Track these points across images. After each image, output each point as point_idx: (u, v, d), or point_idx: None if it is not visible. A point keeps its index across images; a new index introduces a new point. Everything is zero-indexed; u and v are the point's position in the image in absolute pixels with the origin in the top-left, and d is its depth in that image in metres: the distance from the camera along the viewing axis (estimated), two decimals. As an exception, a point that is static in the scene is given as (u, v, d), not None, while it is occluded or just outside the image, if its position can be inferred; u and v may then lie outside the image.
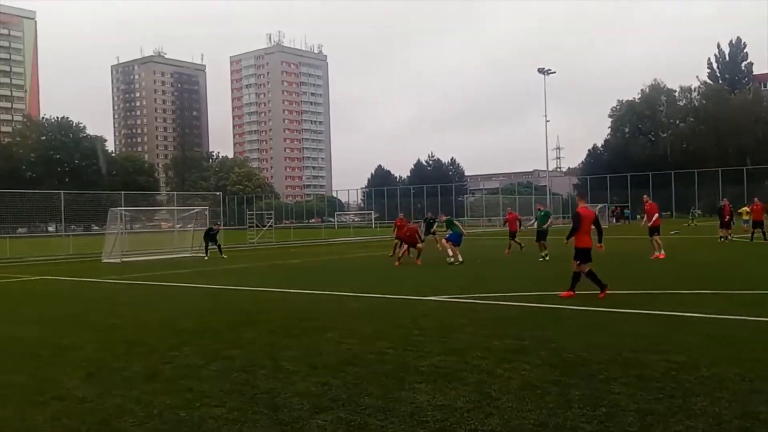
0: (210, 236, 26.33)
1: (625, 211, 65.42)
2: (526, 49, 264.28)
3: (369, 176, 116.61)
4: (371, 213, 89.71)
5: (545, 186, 75.78)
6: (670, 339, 7.57)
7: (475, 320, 9.27)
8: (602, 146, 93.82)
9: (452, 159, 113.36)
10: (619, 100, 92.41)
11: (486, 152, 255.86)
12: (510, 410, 5.08)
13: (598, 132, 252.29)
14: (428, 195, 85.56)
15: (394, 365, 6.65)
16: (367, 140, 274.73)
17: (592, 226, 11.59)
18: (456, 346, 7.46)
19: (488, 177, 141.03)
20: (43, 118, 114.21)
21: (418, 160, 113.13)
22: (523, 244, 23.65)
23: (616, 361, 6.55)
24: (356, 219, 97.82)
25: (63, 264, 25.38)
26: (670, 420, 4.76)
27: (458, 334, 8.19)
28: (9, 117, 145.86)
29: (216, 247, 26.23)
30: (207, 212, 31.31)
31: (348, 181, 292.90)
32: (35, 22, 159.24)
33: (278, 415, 5.10)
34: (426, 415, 5.04)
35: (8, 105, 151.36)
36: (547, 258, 19.66)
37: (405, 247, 21.14)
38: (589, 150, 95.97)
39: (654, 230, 19.93)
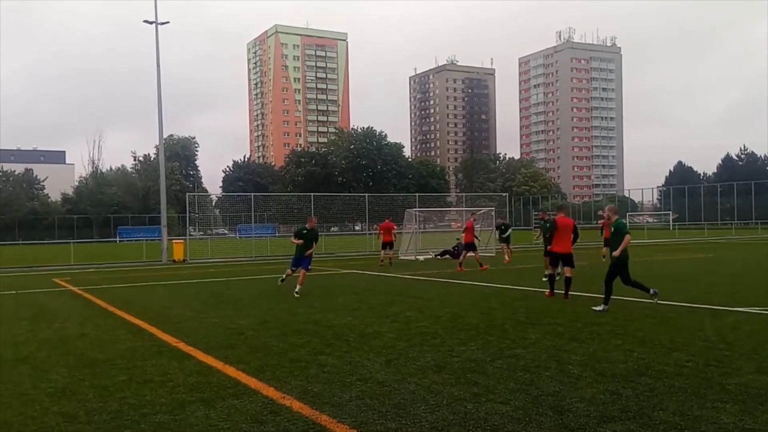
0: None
1: None
2: None
3: (666, 174, 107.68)
4: (669, 214, 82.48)
5: None
6: None
7: (798, 338, 7.99)
8: None
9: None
10: None
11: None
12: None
13: None
14: (739, 194, 75.82)
15: (693, 380, 6.07)
16: (666, 135, 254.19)
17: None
18: (772, 366, 6.53)
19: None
20: (351, 128, 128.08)
21: (727, 155, 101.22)
22: None
23: None
24: (651, 220, 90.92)
25: (366, 259, 28.14)
26: None
27: (775, 353, 7.15)
28: (325, 129, 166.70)
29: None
30: (493, 213, 31.98)
31: (642, 180, 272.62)
32: (347, 43, 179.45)
33: (563, 419, 5.02)
34: (732, 439, 4.52)
35: (324, 118, 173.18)
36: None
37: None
38: None
39: None
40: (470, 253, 21.38)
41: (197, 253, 32.99)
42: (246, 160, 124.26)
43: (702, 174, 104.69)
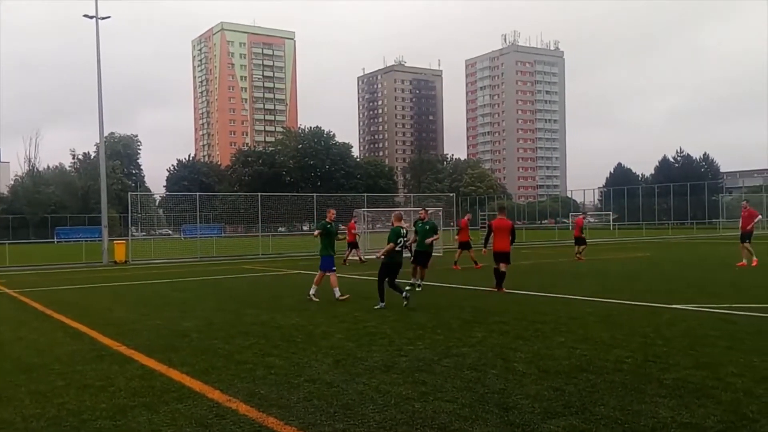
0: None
1: None
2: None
3: (607, 175, 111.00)
4: (609, 214, 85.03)
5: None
6: None
7: (730, 333, 8.34)
8: None
9: (704, 154, 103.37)
10: None
11: (747, 146, 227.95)
12: (772, 437, 4.50)
13: None
14: (675, 194, 78.71)
15: (633, 376, 6.26)
16: (607, 137, 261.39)
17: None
18: (706, 360, 6.80)
19: (749, 173, 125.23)
20: (299, 128, 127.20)
21: (664, 157, 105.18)
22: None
23: None
24: (592, 220, 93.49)
25: (315, 260, 27.96)
26: None
27: (710, 348, 7.44)
28: (272, 128, 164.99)
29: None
30: (441, 213, 32.30)
31: (584, 181, 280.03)
32: (294, 42, 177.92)
33: (508, 416, 5.10)
34: (669, 431, 4.68)
35: (272, 117, 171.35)
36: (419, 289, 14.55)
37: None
38: None
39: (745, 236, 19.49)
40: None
41: (140, 254, 32.17)
42: (191, 159, 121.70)
43: (640, 175, 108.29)
